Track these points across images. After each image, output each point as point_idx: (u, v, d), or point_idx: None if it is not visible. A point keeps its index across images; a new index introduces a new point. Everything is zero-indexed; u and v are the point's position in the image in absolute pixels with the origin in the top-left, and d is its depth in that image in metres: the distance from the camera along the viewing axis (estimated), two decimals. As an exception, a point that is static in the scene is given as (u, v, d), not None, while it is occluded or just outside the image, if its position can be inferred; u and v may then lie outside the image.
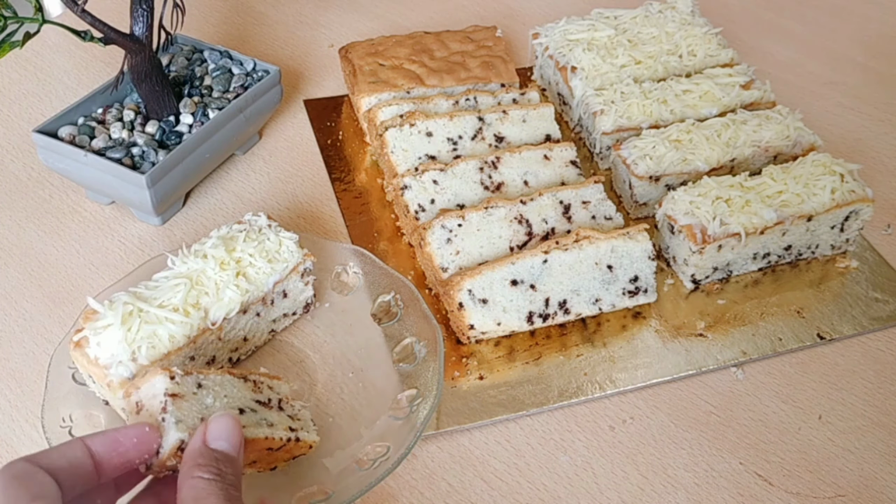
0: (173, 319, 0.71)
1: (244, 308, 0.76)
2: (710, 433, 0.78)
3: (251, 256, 0.77)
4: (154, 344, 0.70)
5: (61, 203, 0.95)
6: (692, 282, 0.89)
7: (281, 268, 0.78)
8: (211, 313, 0.73)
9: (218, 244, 0.76)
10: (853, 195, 0.89)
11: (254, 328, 0.79)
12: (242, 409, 0.63)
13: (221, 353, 0.77)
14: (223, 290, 0.74)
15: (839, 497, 0.74)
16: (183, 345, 0.71)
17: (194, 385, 0.63)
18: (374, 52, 1.05)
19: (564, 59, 1.06)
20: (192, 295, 0.73)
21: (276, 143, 1.05)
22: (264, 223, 0.80)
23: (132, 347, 0.69)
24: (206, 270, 0.74)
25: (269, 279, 0.77)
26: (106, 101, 0.94)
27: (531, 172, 0.93)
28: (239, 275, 0.76)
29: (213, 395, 0.63)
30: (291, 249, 0.79)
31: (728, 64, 1.06)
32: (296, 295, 0.81)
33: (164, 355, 0.70)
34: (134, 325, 0.69)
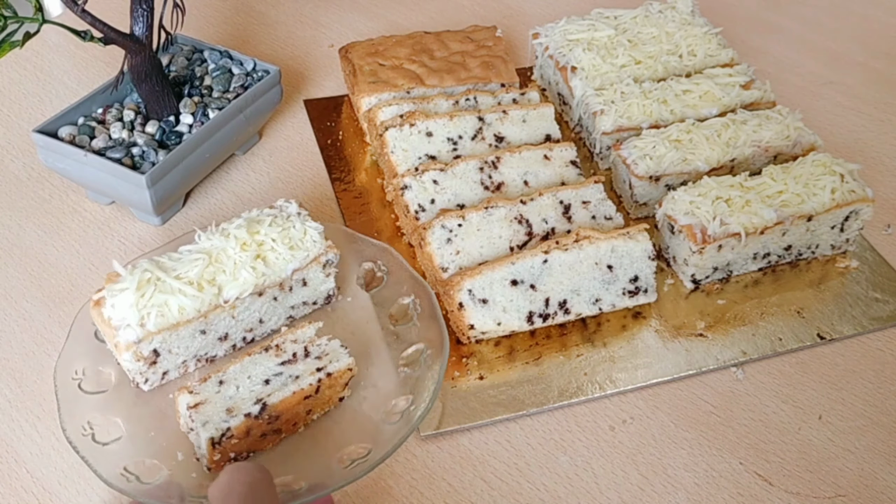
0: (186, 292, 0.72)
1: (260, 290, 0.76)
2: (710, 433, 0.78)
3: (273, 241, 0.77)
4: (163, 313, 0.71)
5: (61, 203, 0.95)
6: (692, 282, 0.89)
7: (301, 256, 0.78)
8: (225, 291, 0.74)
9: (242, 225, 0.77)
10: (853, 195, 0.89)
11: (270, 312, 0.79)
12: (268, 380, 0.70)
13: (235, 331, 0.78)
14: (239, 270, 0.75)
15: (839, 497, 0.74)
16: (193, 318, 0.73)
17: (216, 385, 0.69)
18: (374, 52, 1.05)
19: (564, 59, 1.06)
20: (208, 271, 0.74)
21: (276, 143, 1.05)
22: (294, 210, 0.80)
23: (142, 313, 0.71)
24: (226, 249, 0.75)
25: (287, 266, 0.77)
26: (106, 101, 0.94)
27: (531, 172, 0.93)
28: (258, 257, 0.76)
29: (236, 384, 0.69)
30: (315, 239, 0.79)
31: (728, 64, 1.06)
32: (316, 285, 0.81)
33: (172, 325, 0.72)
34: (148, 291, 0.71)
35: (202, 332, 0.75)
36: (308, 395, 0.69)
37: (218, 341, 0.77)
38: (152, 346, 0.72)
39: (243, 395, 0.69)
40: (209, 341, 0.76)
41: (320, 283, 0.81)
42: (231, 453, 0.68)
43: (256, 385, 0.69)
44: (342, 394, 0.73)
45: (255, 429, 0.68)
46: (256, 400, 0.68)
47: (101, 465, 0.67)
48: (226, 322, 0.76)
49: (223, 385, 0.69)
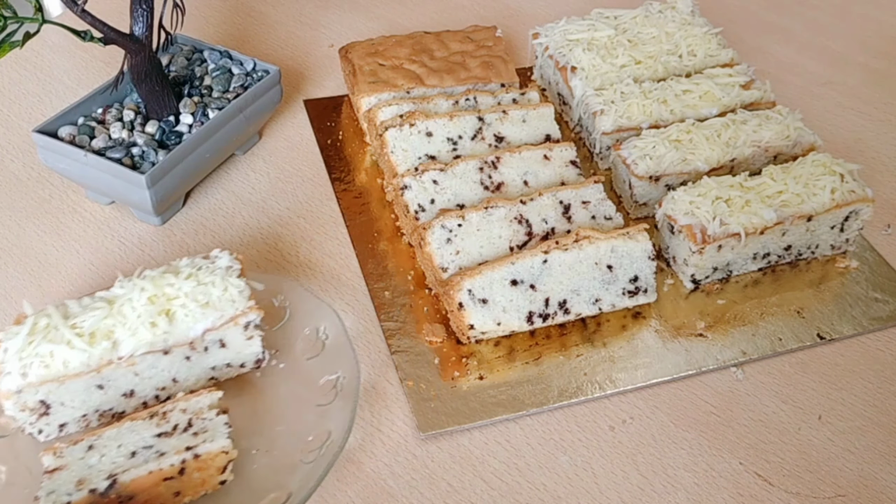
0: (74, 344, 0.67)
1: (164, 349, 0.71)
2: (710, 433, 0.78)
3: (186, 297, 0.71)
4: (47, 364, 0.67)
5: (61, 203, 0.95)
6: (692, 282, 0.89)
7: (215, 315, 0.72)
8: (121, 346, 0.69)
9: (155, 276, 0.72)
10: (853, 195, 0.89)
11: (184, 371, 0.74)
12: (135, 452, 0.64)
13: (142, 389, 0.72)
14: (138, 325, 0.69)
15: (839, 497, 0.74)
16: (81, 372, 0.68)
17: (83, 449, 0.65)
18: (374, 52, 1.05)
19: (564, 59, 1.06)
20: (106, 323, 0.69)
21: (276, 143, 1.05)
22: (224, 263, 0.74)
23: (24, 362, 0.66)
24: (132, 300, 0.70)
25: (196, 325, 0.71)
26: (106, 101, 0.94)
27: (531, 172, 0.92)
28: (163, 313, 0.70)
29: (102, 452, 0.64)
30: (234, 298, 0.72)
31: (728, 64, 1.06)
32: (238, 347, 0.75)
33: (56, 377, 0.67)
34: (37, 339, 0.67)
35: (99, 387, 0.70)
36: (169, 476, 0.62)
37: (122, 397, 0.72)
38: (38, 396, 0.68)
39: (102, 467, 0.63)
40: (111, 397, 0.71)
41: (243, 346, 0.75)
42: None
43: (120, 456, 0.64)
44: (222, 477, 0.66)
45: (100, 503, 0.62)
46: (109, 475, 0.62)
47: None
48: (127, 378, 0.71)
49: (91, 451, 0.64)
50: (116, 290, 0.71)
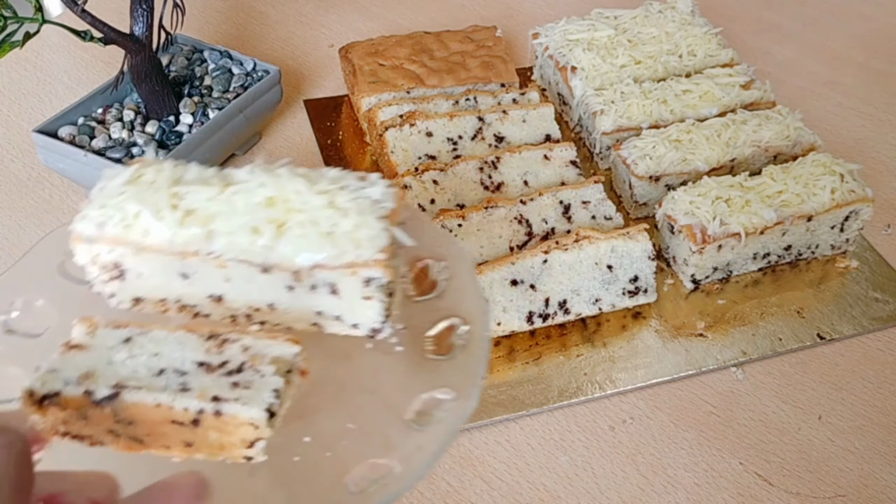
0: (163, 216, 0.56)
1: (264, 266, 0.57)
2: (710, 433, 0.78)
3: (307, 215, 0.56)
4: (128, 224, 0.56)
5: (61, 203, 0.95)
6: (692, 282, 0.89)
7: (331, 252, 0.56)
8: (214, 240, 0.56)
9: (292, 176, 0.58)
10: (853, 195, 0.89)
11: (285, 301, 0.60)
12: (163, 371, 0.51)
13: (234, 300, 0.60)
14: (239, 226, 0.56)
15: (839, 497, 0.74)
16: (161, 249, 0.57)
17: (118, 340, 0.53)
18: (374, 51, 1.05)
19: (564, 59, 1.06)
20: (209, 206, 0.56)
21: (276, 143, 1.05)
22: (375, 194, 0.60)
23: (106, 211, 0.58)
24: (249, 193, 0.57)
25: (305, 254, 0.56)
26: (106, 101, 0.94)
27: (531, 172, 0.93)
28: (274, 223, 0.56)
29: (132, 353, 0.52)
30: (361, 241, 0.56)
31: (728, 64, 1.06)
32: (352, 303, 0.59)
33: (133, 244, 0.58)
34: (129, 192, 0.57)
35: (183, 276, 0.59)
36: (178, 421, 0.49)
37: (209, 299, 0.62)
38: (111, 256, 0.58)
39: (119, 371, 0.51)
40: (195, 292, 0.60)
41: (358, 305, 0.58)
42: (61, 427, 0.51)
43: (145, 368, 0.52)
44: (247, 452, 0.51)
45: (94, 416, 0.50)
46: (116, 384, 0.50)
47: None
48: (215, 280, 0.58)
49: (126, 345, 0.53)
50: (242, 173, 0.58)
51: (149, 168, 0.58)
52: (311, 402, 0.57)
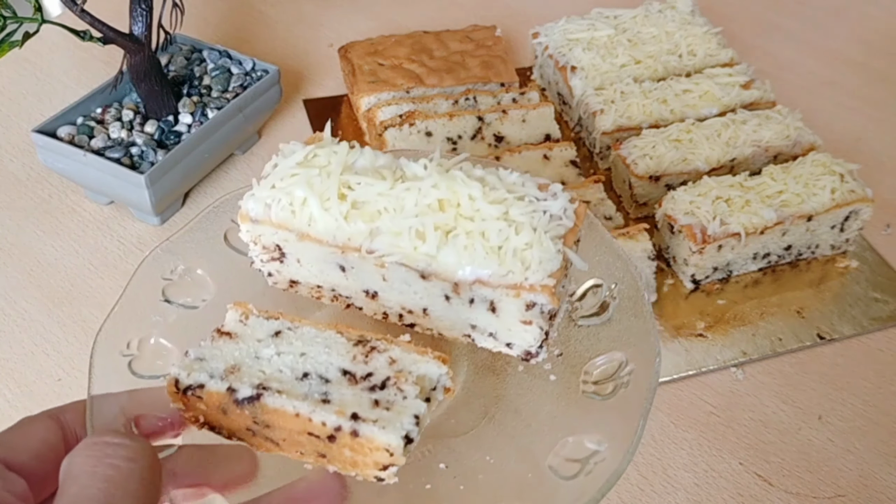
0: (329, 207, 0.54)
1: (423, 273, 0.54)
2: (710, 433, 0.78)
3: (476, 224, 0.52)
4: (294, 210, 0.55)
5: (60, 203, 0.95)
6: (692, 282, 0.89)
7: (496, 270, 0.52)
8: (377, 239, 0.54)
9: (468, 178, 0.54)
10: (853, 195, 0.89)
11: (440, 309, 0.57)
12: (307, 375, 0.50)
13: (388, 298, 0.58)
14: (403, 227, 0.53)
15: (839, 497, 0.74)
16: (322, 240, 0.56)
17: (269, 332, 0.52)
18: (373, 51, 1.05)
19: (564, 58, 1.05)
20: (377, 201, 0.54)
21: (275, 143, 1.05)
22: (556, 209, 0.54)
23: (275, 193, 0.56)
24: (420, 192, 0.54)
25: (468, 267, 0.53)
26: (105, 101, 0.94)
27: (531, 172, 0.92)
28: (440, 229, 0.53)
29: (280, 349, 0.51)
30: (530, 262, 0.52)
31: (728, 63, 1.06)
32: (510, 324, 0.55)
33: (296, 230, 0.56)
34: (301, 175, 0.55)
35: (340, 268, 0.58)
36: (314, 433, 0.48)
37: (364, 294, 0.59)
38: (274, 238, 0.58)
39: (265, 368, 0.50)
40: (351, 286, 0.59)
41: (516, 326, 0.54)
42: (200, 417, 0.51)
43: (289, 368, 0.50)
44: (379, 474, 0.48)
45: (233, 413, 0.50)
46: (259, 385, 0.49)
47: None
48: (373, 277, 0.57)
49: (275, 338, 0.51)
50: (417, 167, 0.56)
51: (323, 150, 0.56)
52: (453, 422, 0.53)
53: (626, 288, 0.58)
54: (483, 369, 0.58)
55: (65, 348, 0.81)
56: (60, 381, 0.78)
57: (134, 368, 0.56)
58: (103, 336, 0.56)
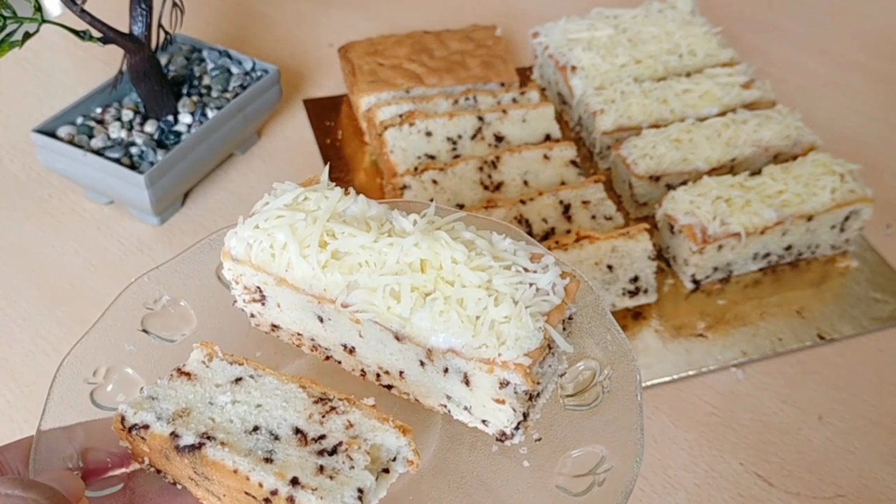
0: (308, 256, 0.53)
1: (397, 335, 0.53)
2: (711, 434, 0.78)
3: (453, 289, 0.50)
4: (274, 253, 0.54)
5: (60, 203, 0.95)
6: (692, 282, 0.89)
7: (469, 341, 0.50)
8: (354, 293, 0.52)
9: (456, 239, 0.52)
10: (853, 195, 0.89)
11: (415, 374, 0.55)
12: (257, 429, 0.48)
13: (364, 354, 0.57)
14: (378, 284, 0.51)
15: (839, 497, 0.74)
16: (299, 288, 0.55)
17: (230, 378, 0.51)
18: (373, 51, 1.05)
19: (564, 58, 1.05)
20: (356, 254, 0.53)
21: (275, 143, 1.05)
22: (545, 282, 0.52)
23: (257, 234, 0.55)
24: (397, 250, 0.52)
25: (441, 335, 0.50)
26: (105, 101, 0.94)
27: (531, 172, 0.92)
28: (417, 290, 0.51)
29: (237, 397, 0.49)
30: (505, 337, 0.49)
31: (728, 63, 1.06)
32: (483, 399, 0.52)
33: (274, 275, 0.55)
34: (286, 218, 0.54)
35: (319, 319, 0.57)
36: (250, 493, 0.46)
37: (342, 347, 0.58)
38: (255, 280, 0.57)
39: (217, 415, 0.49)
40: (330, 338, 0.58)
41: (488, 402, 0.51)
42: (143, 458, 0.50)
43: (240, 419, 0.49)
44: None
45: (174, 459, 0.48)
46: (204, 434, 0.47)
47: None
48: (349, 331, 0.55)
49: (234, 385, 0.50)
50: (406, 223, 0.54)
51: (315, 194, 0.55)
52: (412, 498, 0.51)
53: (620, 376, 0.55)
54: (455, 443, 0.55)
55: (65, 348, 0.80)
56: (60, 381, 0.78)
57: (95, 398, 0.56)
58: (71, 360, 0.56)
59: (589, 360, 0.56)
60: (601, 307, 0.58)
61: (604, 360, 0.56)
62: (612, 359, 0.56)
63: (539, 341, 0.49)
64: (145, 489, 0.51)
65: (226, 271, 0.58)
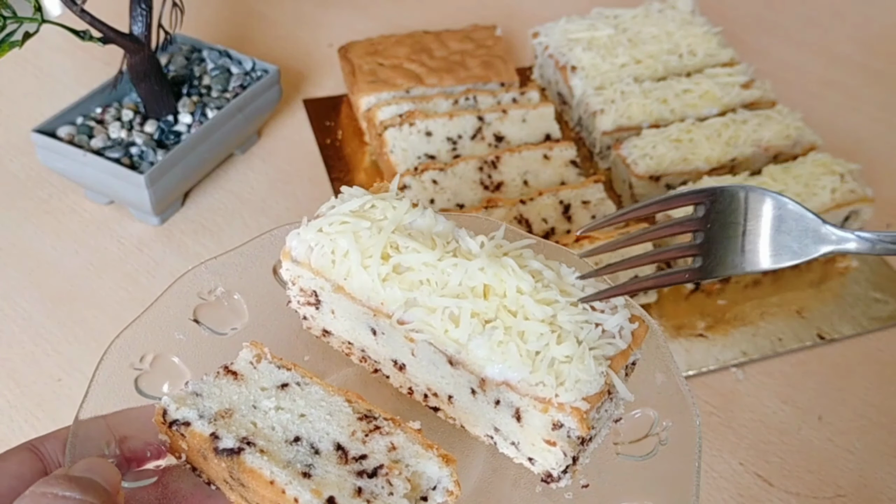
0: (368, 267, 0.51)
1: (450, 359, 0.51)
2: (711, 434, 0.78)
3: (513, 316, 0.49)
4: (334, 259, 0.53)
5: (60, 203, 0.95)
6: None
7: (528, 377, 0.47)
8: (411, 311, 0.51)
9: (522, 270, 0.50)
10: (853, 195, 0.89)
11: (464, 400, 0.53)
12: (298, 439, 0.47)
13: (414, 373, 0.55)
14: (436, 308, 0.50)
15: (839, 497, 0.74)
16: (356, 299, 0.53)
17: (275, 383, 0.49)
18: (373, 51, 1.05)
19: (564, 58, 1.05)
20: (420, 271, 0.51)
21: (275, 143, 1.05)
22: (613, 324, 0.50)
23: (319, 238, 0.54)
24: (462, 272, 0.50)
25: (497, 366, 0.49)
26: (105, 101, 0.94)
27: (531, 172, 0.92)
28: (478, 317, 0.49)
29: (281, 404, 0.48)
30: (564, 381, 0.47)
31: (728, 63, 1.06)
32: (534, 438, 0.50)
33: (329, 279, 0.53)
34: (350, 226, 0.53)
35: (372, 331, 0.56)
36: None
37: (392, 363, 0.57)
38: (311, 284, 0.56)
39: (258, 421, 0.48)
40: (381, 351, 0.57)
41: (538, 441, 0.50)
42: (180, 454, 0.50)
43: (283, 428, 0.48)
44: None
45: (211, 460, 0.48)
46: (244, 439, 0.47)
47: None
48: (401, 347, 0.54)
49: (280, 391, 0.49)
50: (474, 244, 0.53)
51: (382, 203, 0.54)
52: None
53: (680, 430, 0.52)
54: (498, 476, 0.54)
55: (65, 348, 0.81)
56: (60, 381, 0.78)
57: (139, 385, 0.55)
58: (119, 343, 0.55)
59: (647, 408, 0.54)
60: (667, 354, 0.56)
61: (663, 410, 0.53)
62: (672, 410, 0.53)
63: (600, 386, 0.47)
64: (178, 485, 0.50)
65: (284, 271, 0.58)
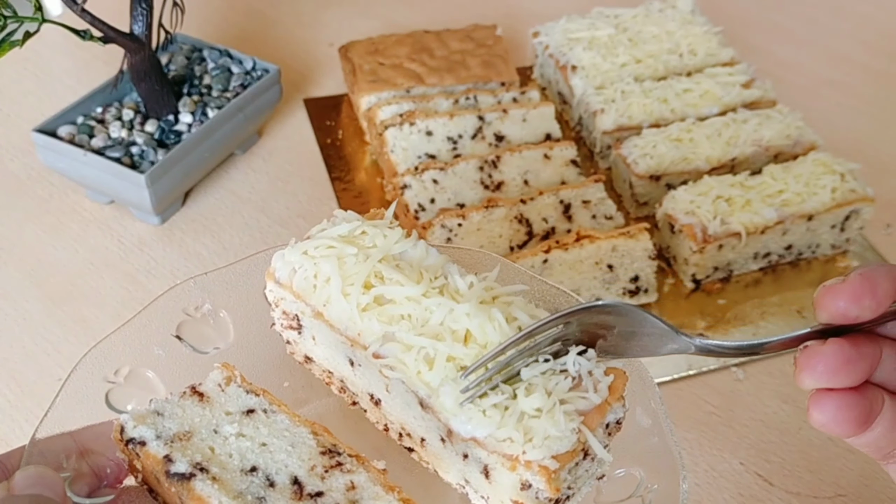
0: (348, 294, 0.50)
1: (421, 401, 0.49)
2: (711, 433, 0.78)
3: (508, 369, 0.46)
4: (315, 284, 0.52)
5: (61, 202, 0.95)
6: (693, 281, 0.89)
7: (495, 432, 0.45)
8: (388, 345, 0.49)
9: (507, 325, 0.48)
10: (853, 194, 0.89)
11: (436, 446, 0.51)
12: (255, 469, 0.45)
13: (390, 409, 0.53)
14: (414, 344, 0.48)
15: (839, 497, 0.74)
16: (334, 325, 0.52)
17: (242, 409, 0.48)
18: (373, 50, 1.05)
19: (565, 57, 1.05)
20: (402, 304, 0.49)
21: (275, 143, 1.05)
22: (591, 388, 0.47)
23: (300, 262, 0.53)
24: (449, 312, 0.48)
25: (466, 421, 0.46)
26: (105, 101, 0.94)
27: (531, 172, 0.92)
28: (453, 361, 0.47)
29: (243, 430, 0.47)
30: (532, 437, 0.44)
31: (728, 63, 1.06)
32: (500, 495, 0.47)
33: (311, 304, 0.53)
34: (335, 250, 0.51)
35: (350, 362, 0.54)
36: None
37: (368, 396, 0.55)
38: (293, 308, 0.55)
39: (218, 446, 0.46)
40: (358, 384, 0.55)
41: (507, 500, 0.46)
42: (138, 475, 0.48)
43: (242, 458, 0.46)
44: None
45: (165, 482, 0.46)
46: (198, 464, 0.45)
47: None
48: (376, 381, 0.52)
49: (244, 417, 0.47)
50: (462, 283, 0.50)
51: (374, 230, 0.52)
52: None
53: (666, 492, 0.49)
54: None
55: (65, 348, 0.81)
56: (61, 381, 0.78)
57: (110, 399, 0.54)
58: (94, 355, 0.54)
59: (634, 467, 0.51)
60: (661, 410, 0.53)
61: (650, 470, 0.50)
62: (659, 472, 0.50)
63: (572, 444, 0.43)
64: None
65: (268, 292, 0.57)
